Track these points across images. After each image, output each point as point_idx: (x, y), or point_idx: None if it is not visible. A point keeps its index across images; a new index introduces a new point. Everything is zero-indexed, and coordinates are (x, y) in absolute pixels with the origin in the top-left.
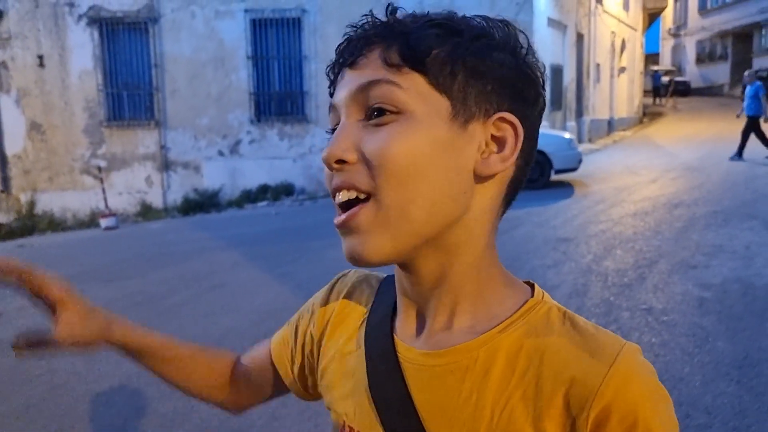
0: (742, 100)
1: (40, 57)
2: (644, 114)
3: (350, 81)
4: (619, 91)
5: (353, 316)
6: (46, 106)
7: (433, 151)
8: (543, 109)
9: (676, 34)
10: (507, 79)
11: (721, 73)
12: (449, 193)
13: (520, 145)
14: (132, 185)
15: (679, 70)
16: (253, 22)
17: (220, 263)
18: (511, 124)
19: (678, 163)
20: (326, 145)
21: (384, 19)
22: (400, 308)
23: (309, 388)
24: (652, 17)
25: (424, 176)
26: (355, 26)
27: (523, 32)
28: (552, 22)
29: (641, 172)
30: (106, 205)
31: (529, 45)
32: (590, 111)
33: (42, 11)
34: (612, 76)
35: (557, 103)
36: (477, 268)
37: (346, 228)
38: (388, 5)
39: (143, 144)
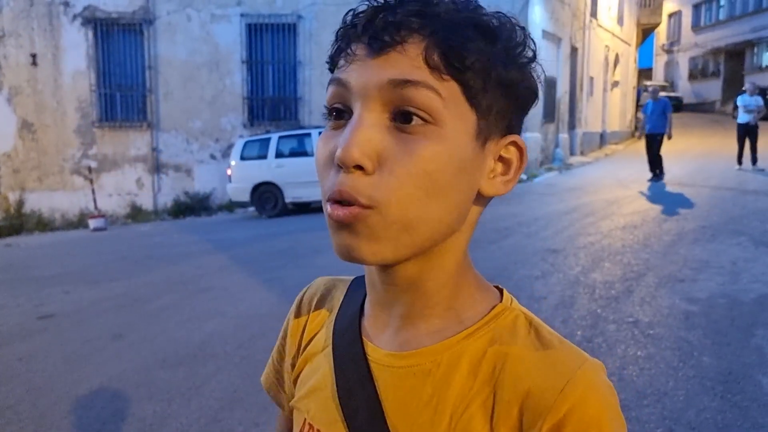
0: (734, 113)
1: (34, 56)
2: (636, 128)
3: (379, 69)
4: (611, 104)
5: (324, 320)
6: (38, 106)
7: (458, 171)
8: None
9: (669, 50)
10: (521, 94)
11: (713, 89)
12: (457, 212)
13: (523, 169)
14: (122, 187)
15: (672, 85)
16: (249, 26)
17: (207, 267)
18: (520, 149)
19: (668, 178)
20: (334, 136)
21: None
22: (369, 308)
23: None
24: (645, 33)
25: (442, 196)
26: None
27: (532, 39)
28: (547, 35)
29: (631, 186)
30: (96, 207)
31: (535, 54)
32: (583, 124)
33: (36, 10)
34: (605, 89)
35: (550, 115)
36: (454, 274)
37: (343, 224)
38: None
39: (135, 146)
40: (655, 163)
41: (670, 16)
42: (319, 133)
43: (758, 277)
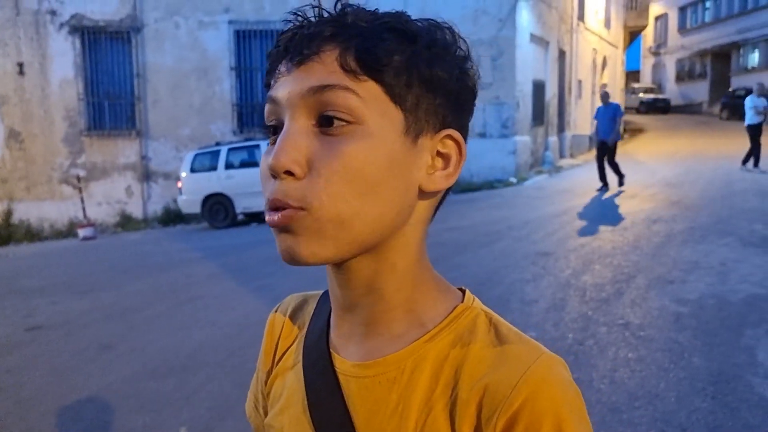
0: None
1: (20, 65)
2: (625, 130)
3: (299, 80)
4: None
5: (296, 336)
6: (26, 115)
7: (387, 166)
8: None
9: (656, 52)
10: (453, 90)
11: (700, 91)
12: (394, 208)
13: (463, 162)
14: (111, 195)
15: (660, 87)
16: (237, 33)
17: (197, 275)
18: (457, 141)
19: (657, 179)
20: (272, 150)
21: (334, 14)
22: (334, 319)
23: None
24: (633, 35)
25: (374, 192)
26: (301, 15)
27: (463, 39)
28: (534, 38)
29: (621, 188)
30: (85, 216)
31: (468, 53)
32: (572, 126)
33: (23, 19)
34: (593, 92)
35: (539, 118)
36: (409, 274)
37: (280, 227)
38: (338, 1)
39: (124, 154)
40: (605, 173)
41: (657, 18)
42: (268, 145)
43: (746, 277)
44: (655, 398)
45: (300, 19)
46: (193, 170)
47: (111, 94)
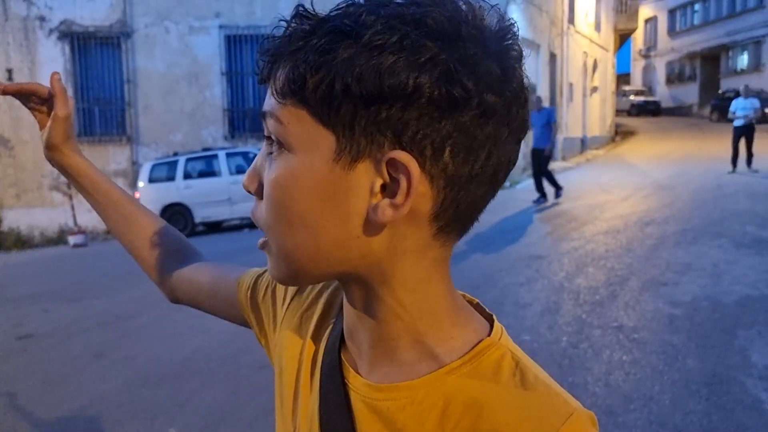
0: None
1: (9, 71)
2: (617, 133)
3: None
4: (591, 110)
5: (316, 322)
6: (15, 121)
7: (313, 195)
8: (494, 108)
9: (646, 55)
10: (416, 95)
11: (690, 93)
12: (334, 240)
13: (414, 189)
14: None
15: (650, 90)
16: (228, 38)
17: None
18: (404, 166)
19: (649, 182)
20: None
21: (298, 23)
22: (345, 328)
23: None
24: (623, 38)
25: (303, 222)
26: (285, 21)
27: (477, 26)
28: (525, 42)
29: (613, 190)
30: (75, 223)
31: (488, 30)
32: (563, 129)
33: (12, 24)
34: (584, 95)
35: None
36: (406, 307)
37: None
38: (297, 6)
39: (115, 160)
40: (542, 184)
41: (647, 21)
42: (226, 155)
43: (739, 278)
44: (650, 401)
45: (272, 35)
46: (151, 180)
47: (101, 99)
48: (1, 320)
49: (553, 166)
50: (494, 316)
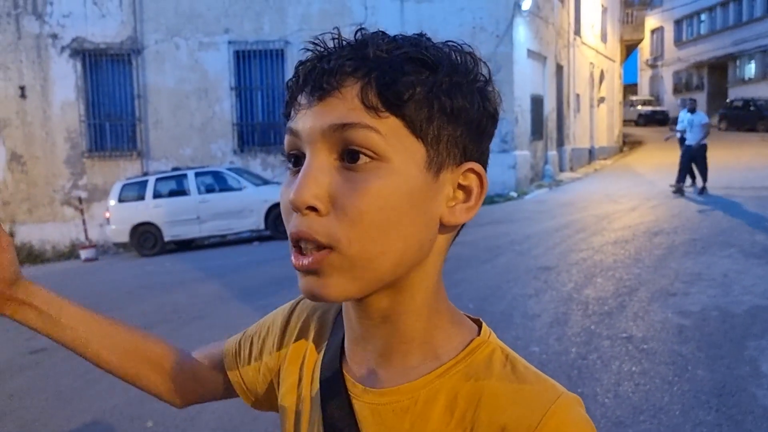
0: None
1: (22, 88)
2: (624, 143)
3: (320, 115)
4: (599, 120)
5: (312, 344)
6: (27, 137)
7: (410, 203)
8: (492, 133)
9: (653, 65)
10: (474, 119)
11: (698, 102)
12: (418, 243)
13: (485, 194)
14: None
15: (658, 100)
16: (237, 53)
17: (200, 295)
18: (478, 174)
19: (657, 192)
20: (292, 182)
21: (354, 43)
22: (348, 344)
23: (257, 395)
24: (629, 49)
25: (398, 229)
26: (320, 44)
27: (485, 62)
28: (531, 54)
29: (621, 201)
30: (87, 237)
31: (489, 76)
32: (571, 140)
33: (25, 42)
34: (592, 106)
35: (538, 132)
36: (426, 306)
37: (306, 270)
38: (358, 29)
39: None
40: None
41: (653, 31)
42: (195, 174)
43: (749, 288)
44: (660, 411)
45: (320, 48)
46: (121, 200)
47: (112, 115)
48: (14, 334)
49: (561, 176)
50: (480, 319)
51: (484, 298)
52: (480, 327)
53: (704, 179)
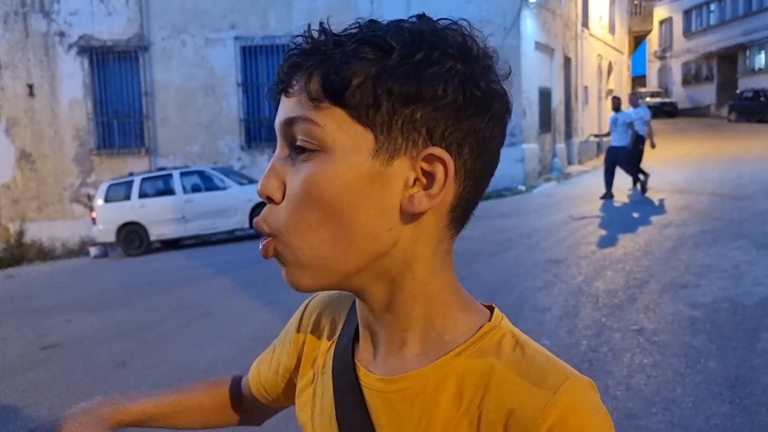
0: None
1: (30, 86)
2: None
3: (281, 111)
4: (607, 113)
5: (325, 338)
6: (36, 135)
7: (352, 191)
8: (503, 119)
9: (662, 56)
10: (448, 102)
11: (707, 94)
12: (368, 233)
13: (450, 181)
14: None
15: (666, 91)
16: (243, 49)
17: (208, 291)
18: (441, 160)
19: (666, 184)
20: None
21: (315, 37)
22: (360, 332)
23: (278, 396)
24: (637, 40)
25: (340, 217)
26: (304, 36)
27: (492, 48)
28: (539, 46)
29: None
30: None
31: (480, 54)
32: (579, 132)
33: (32, 41)
34: (600, 98)
35: (546, 125)
36: (424, 295)
37: (267, 258)
38: (322, 22)
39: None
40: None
41: (661, 22)
42: (180, 174)
43: (761, 279)
44: (672, 404)
45: (292, 48)
46: (107, 200)
47: (120, 112)
48: (25, 330)
49: (569, 169)
50: (494, 305)
51: (494, 291)
52: (492, 313)
53: (634, 180)
